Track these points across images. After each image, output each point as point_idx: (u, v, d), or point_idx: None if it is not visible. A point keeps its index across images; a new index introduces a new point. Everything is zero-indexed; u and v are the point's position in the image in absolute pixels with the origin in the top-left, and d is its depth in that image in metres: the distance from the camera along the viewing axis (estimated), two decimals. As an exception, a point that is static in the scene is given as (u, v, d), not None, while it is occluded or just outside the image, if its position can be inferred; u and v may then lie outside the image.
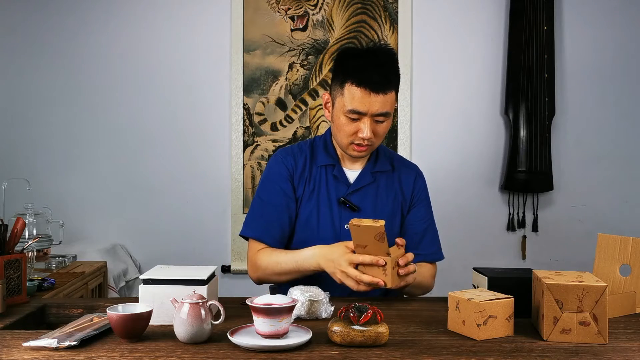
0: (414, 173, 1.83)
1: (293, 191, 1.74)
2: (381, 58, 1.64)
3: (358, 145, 1.66)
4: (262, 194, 1.75)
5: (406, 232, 1.78)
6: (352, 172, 1.77)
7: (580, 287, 1.25)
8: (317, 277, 1.71)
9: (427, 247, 1.78)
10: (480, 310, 1.26)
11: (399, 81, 1.68)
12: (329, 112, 1.72)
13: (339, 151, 1.77)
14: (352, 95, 1.61)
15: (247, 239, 1.76)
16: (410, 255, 1.51)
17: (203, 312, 1.23)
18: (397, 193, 1.79)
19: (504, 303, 1.29)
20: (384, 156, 1.81)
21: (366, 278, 1.45)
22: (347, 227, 1.71)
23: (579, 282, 1.27)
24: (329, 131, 1.82)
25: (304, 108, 3.06)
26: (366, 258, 1.44)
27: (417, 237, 1.78)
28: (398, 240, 1.51)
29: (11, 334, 1.30)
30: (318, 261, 1.57)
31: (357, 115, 1.62)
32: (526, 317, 1.42)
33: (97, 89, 3.06)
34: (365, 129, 1.62)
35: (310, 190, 1.74)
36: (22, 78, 3.06)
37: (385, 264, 1.43)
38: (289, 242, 1.76)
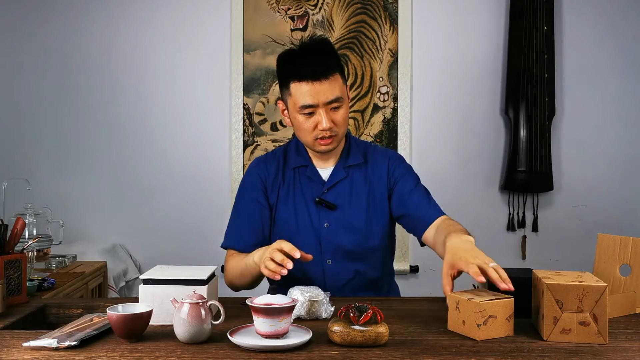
0: (386, 159, 1.79)
1: (266, 199, 1.75)
2: (313, 47, 1.67)
3: (322, 139, 1.66)
4: (237, 204, 1.79)
5: (406, 204, 1.73)
6: (325, 170, 1.77)
7: (580, 287, 1.25)
8: (311, 274, 1.72)
9: (434, 207, 1.72)
10: (480, 310, 1.26)
11: (339, 63, 1.68)
12: (287, 117, 1.73)
13: (310, 151, 1.78)
14: (299, 92, 1.62)
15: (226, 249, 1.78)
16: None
17: (203, 312, 1.23)
18: (371, 184, 1.76)
19: (504, 303, 1.29)
20: (356, 149, 1.79)
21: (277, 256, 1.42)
22: (326, 225, 1.72)
23: (579, 282, 1.27)
24: None
25: (304, 108, 3.05)
26: (287, 246, 1.43)
27: (422, 202, 1.72)
28: None
29: (11, 334, 1.30)
30: (256, 254, 1.56)
31: (310, 109, 1.63)
32: (526, 317, 1.42)
33: (97, 89, 3.06)
34: (322, 119, 1.62)
35: (285, 193, 1.75)
36: (22, 78, 3.06)
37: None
38: None
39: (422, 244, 1.75)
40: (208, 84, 3.06)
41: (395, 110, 3.05)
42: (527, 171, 3.01)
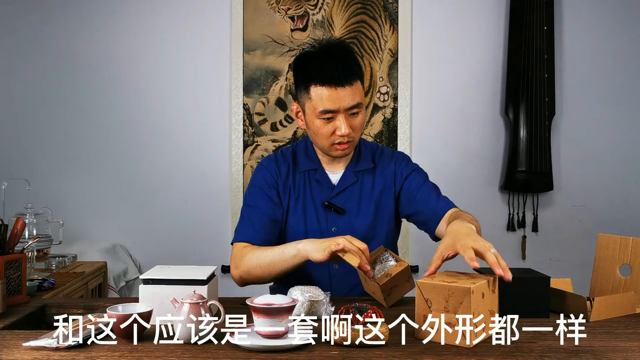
0: (392, 161, 1.79)
1: (279, 198, 1.74)
2: (336, 52, 1.63)
3: (339, 144, 1.65)
4: (249, 201, 1.75)
5: (415, 201, 1.73)
6: (335, 174, 1.76)
7: (446, 287, 1.23)
8: (316, 278, 1.71)
9: (443, 201, 1.72)
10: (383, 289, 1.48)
11: (361, 69, 1.67)
12: (301, 120, 1.70)
13: (319, 154, 1.76)
14: (320, 96, 1.59)
15: None
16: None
17: (203, 312, 1.23)
18: (380, 189, 1.76)
19: (401, 272, 1.47)
20: (366, 153, 1.79)
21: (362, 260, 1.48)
22: (334, 230, 1.71)
23: (449, 282, 1.24)
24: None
25: (304, 108, 3.05)
26: (363, 246, 1.49)
27: (431, 197, 1.72)
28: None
29: (11, 334, 1.30)
30: (302, 243, 1.55)
31: (330, 114, 1.60)
32: (526, 317, 1.42)
33: (97, 89, 3.06)
34: (342, 125, 1.60)
35: (295, 197, 1.74)
36: (22, 78, 3.06)
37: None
38: None
39: (436, 239, 1.72)
40: (208, 84, 3.06)
41: (395, 110, 3.05)
42: (527, 171, 3.01)
